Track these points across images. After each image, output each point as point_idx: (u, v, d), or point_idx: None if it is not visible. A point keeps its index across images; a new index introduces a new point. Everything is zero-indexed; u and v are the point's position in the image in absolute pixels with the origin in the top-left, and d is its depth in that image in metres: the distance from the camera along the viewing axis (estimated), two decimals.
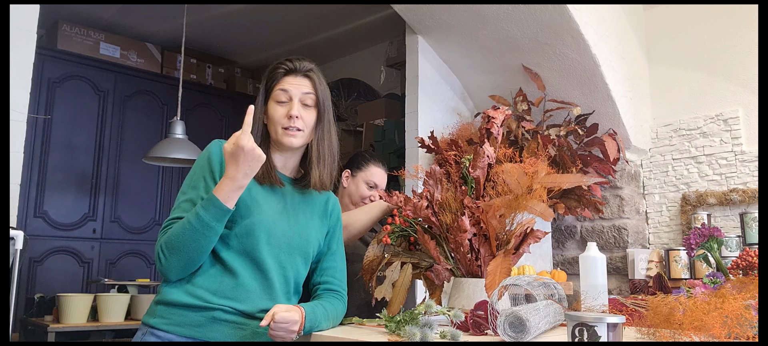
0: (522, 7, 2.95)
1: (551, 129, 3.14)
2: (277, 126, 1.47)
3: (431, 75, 3.56)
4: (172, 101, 4.60)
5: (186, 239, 1.34)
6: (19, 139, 2.36)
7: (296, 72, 1.50)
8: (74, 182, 4.39)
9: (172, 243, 1.36)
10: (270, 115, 1.48)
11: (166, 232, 1.39)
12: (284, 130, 1.46)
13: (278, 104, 1.47)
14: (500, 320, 1.19)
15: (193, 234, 1.34)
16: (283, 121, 1.46)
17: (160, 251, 1.38)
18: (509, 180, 1.58)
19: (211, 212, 1.34)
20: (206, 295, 1.39)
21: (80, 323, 3.34)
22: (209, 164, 1.46)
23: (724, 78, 3.17)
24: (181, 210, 1.42)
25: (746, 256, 1.62)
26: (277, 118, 1.46)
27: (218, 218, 1.34)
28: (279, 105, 1.47)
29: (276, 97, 1.47)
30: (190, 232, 1.34)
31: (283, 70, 1.50)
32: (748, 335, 1.10)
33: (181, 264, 1.37)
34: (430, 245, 1.67)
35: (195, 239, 1.34)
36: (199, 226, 1.33)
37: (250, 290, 1.42)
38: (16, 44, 2.36)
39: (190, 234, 1.34)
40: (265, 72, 1.54)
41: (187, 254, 1.35)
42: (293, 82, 1.48)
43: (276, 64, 1.52)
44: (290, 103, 1.47)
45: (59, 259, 4.32)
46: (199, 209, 1.34)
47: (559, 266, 3.57)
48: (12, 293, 2.04)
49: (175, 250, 1.35)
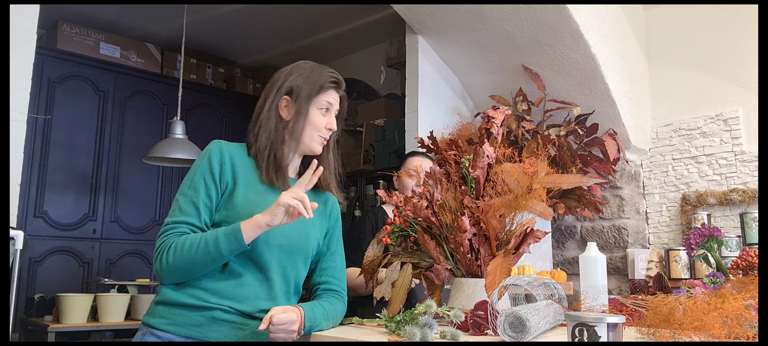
0: (522, 7, 2.95)
1: (551, 129, 3.14)
2: (314, 132, 1.51)
3: (431, 75, 3.56)
4: (172, 101, 4.60)
5: (197, 259, 1.36)
6: (19, 139, 2.36)
7: (339, 88, 1.57)
8: (74, 182, 4.39)
9: (180, 257, 1.36)
10: (311, 119, 1.51)
11: (172, 235, 1.39)
12: (319, 137, 1.53)
13: (320, 112, 1.53)
14: (500, 320, 1.19)
15: (206, 257, 1.35)
16: (322, 130, 1.52)
17: (162, 256, 1.37)
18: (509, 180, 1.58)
19: (232, 245, 1.35)
20: (206, 295, 1.39)
21: (80, 323, 3.34)
22: (209, 167, 1.45)
23: (724, 78, 3.17)
24: (184, 214, 1.41)
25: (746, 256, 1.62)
26: (318, 125, 1.52)
27: (234, 251, 1.36)
28: (321, 113, 1.53)
29: (320, 105, 1.53)
30: (203, 255, 1.35)
31: (332, 82, 1.54)
32: (748, 335, 1.10)
33: (181, 275, 1.39)
34: (430, 245, 1.67)
35: (205, 262, 1.36)
36: (215, 254, 1.35)
37: (250, 290, 1.42)
38: (16, 44, 2.36)
39: (202, 256, 1.35)
40: (304, 73, 1.54)
41: (192, 270, 1.37)
42: (336, 97, 1.56)
43: (328, 75, 1.54)
44: (330, 116, 1.54)
45: (59, 259, 4.32)
46: (221, 238, 1.35)
47: (559, 266, 3.57)
48: (12, 293, 2.04)
49: (182, 263, 1.36)
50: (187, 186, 1.45)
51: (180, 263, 1.36)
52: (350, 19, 4.56)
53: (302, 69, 1.55)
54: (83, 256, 4.42)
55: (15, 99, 2.34)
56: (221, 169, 1.45)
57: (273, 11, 4.45)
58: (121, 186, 4.59)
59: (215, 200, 1.44)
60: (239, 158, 1.49)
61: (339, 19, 4.56)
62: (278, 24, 4.69)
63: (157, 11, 4.47)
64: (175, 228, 1.40)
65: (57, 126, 4.34)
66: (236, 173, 1.46)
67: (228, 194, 1.45)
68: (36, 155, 4.25)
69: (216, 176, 1.45)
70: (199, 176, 1.45)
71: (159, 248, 1.39)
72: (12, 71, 2.29)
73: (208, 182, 1.44)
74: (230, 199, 1.44)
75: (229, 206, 1.43)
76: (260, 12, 4.47)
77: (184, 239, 1.37)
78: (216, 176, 1.45)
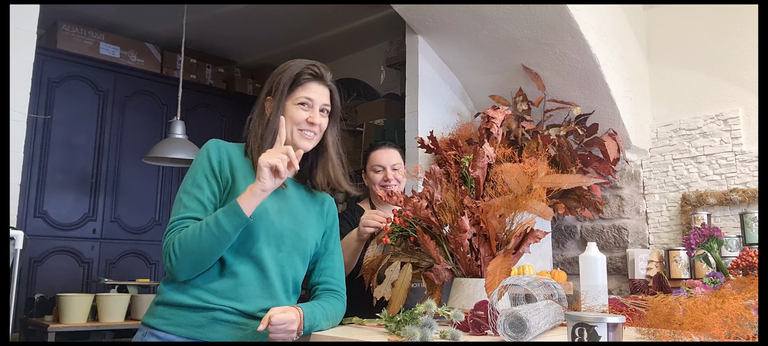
0: (522, 7, 2.95)
1: (551, 129, 3.14)
2: (293, 127, 1.49)
3: (431, 75, 3.56)
4: (172, 101, 4.60)
5: (203, 244, 1.34)
6: (19, 139, 2.35)
7: (321, 80, 1.54)
8: (74, 182, 4.39)
9: (186, 245, 1.35)
10: (289, 115, 1.49)
11: (177, 231, 1.39)
12: (300, 132, 1.51)
13: (299, 107, 1.51)
14: (500, 320, 1.19)
15: (210, 238, 1.34)
16: (302, 124, 1.50)
17: (170, 252, 1.37)
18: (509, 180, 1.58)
19: (233, 220, 1.34)
20: (207, 295, 1.39)
21: (80, 323, 3.34)
22: (210, 164, 1.45)
23: (724, 78, 3.17)
24: (190, 210, 1.41)
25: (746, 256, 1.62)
26: (297, 119, 1.50)
27: (237, 226, 1.35)
28: (300, 108, 1.51)
29: (298, 99, 1.51)
30: (207, 237, 1.34)
31: (309, 75, 1.52)
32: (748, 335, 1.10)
33: (192, 266, 1.37)
34: (430, 245, 1.67)
35: (211, 244, 1.35)
36: (217, 232, 1.34)
37: (251, 290, 1.42)
38: (16, 44, 2.36)
39: (207, 238, 1.34)
40: (285, 69, 1.54)
41: (202, 257, 1.36)
42: (317, 90, 1.53)
43: (303, 68, 1.52)
44: (312, 110, 1.52)
45: (59, 259, 4.32)
46: (220, 215, 1.35)
47: (559, 266, 3.57)
48: (12, 293, 2.04)
49: (190, 252, 1.35)
50: (190, 184, 1.45)
51: (188, 253, 1.35)
52: (350, 19, 4.56)
53: (287, 65, 1.55)
54: (83, 256, 4.42)
55: (15, 99, 2.34)
56: (220, 166, 1.45)
57: (273, 11, 4.45)
58: (121, 186, 4.59)
59: (218, 196, 1.45)
60: (236, 157, 1.49)
61: (339, 19, 4.55)
62: (278, 24, 4.69)
63: (157, 11, 4.47)
64: (179, 224, 1.40)
65: (57, 126, 4.34)
66: (234, 170, 1.46)
67: (228, 192, 1.45)
68: (36, 155, 4.24)
69: (216, 172, 1.45)
70: (200, 173, 1.45)
71: (166, 247, 1.38)
72: (12, 71, 2.29)
73: (210, 178, 1.44)
74: (231, 196, 1.44)
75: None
76: (260, 12, 4.47)
77: (185, 231, 1.37)
78: (216, 172, 1.45)
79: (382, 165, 2.18)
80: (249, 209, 1.35)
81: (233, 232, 1.35)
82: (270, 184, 1.35)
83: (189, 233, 1.36)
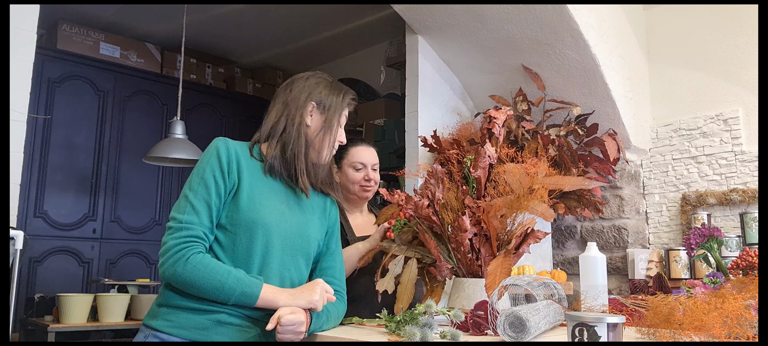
0: (522, 7, 2.95)
1: (551, 129, 3.14)
2: (335, 143, 1.60)
3: (431, 75, 3.56)
4: (172, 101, 4.60)
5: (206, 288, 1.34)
6: (19, 139, 2.35)
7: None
8: (74, 182, 4.39)
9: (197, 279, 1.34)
10: (334, 134, 1.58)
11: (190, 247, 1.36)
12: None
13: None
14: (500, 320, 1.19)
15: (215, 292, 1.35)
16: (336, 144, 1.61)
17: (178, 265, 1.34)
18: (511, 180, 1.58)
19: (242, 298, 1.36)
20: None
21: (80, 323, 3.34)
22: (219, 163, 1.43)
23: (724, 78, 3.17)
24: (198, 215, 1.38)
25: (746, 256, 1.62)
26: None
27: (242, 303, 1.37)
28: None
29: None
30: (219, 289, 1.34)
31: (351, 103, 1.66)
32: (748, 335, 1.10)
33: (185, 289, 1.37)
34: (431, 244, 1.67)
35: (210, 294, 1.35)
36: (223, 296, 1.35)
37: None
38: (16, 44, 2.36)
39: (212, 289, 1.34)
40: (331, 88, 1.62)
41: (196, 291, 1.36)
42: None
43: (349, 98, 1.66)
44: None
45: (59, 259, 4.32)
46: (244, 286, 1.35)
47: (559, 266, 3.57)
48: (12, 293, 2.04)
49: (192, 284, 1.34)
50: (197, 182, 1.42)
51: (193, 283, 1.34)
52: (350, 19, 4.56)
53: (326, 83, 1.61)
54: (83, 256, 4.42)
55: (15, 99, 2.34)
56: (229, 166, 1.43)
57: (273, 11, 4.45)
58: (121, 186, 4.59)
59: (223, 198, 1.42)
60: (244, 158, 1.48)
61: (339, 19, 4.55)
62: (278, 24, 4.69)
63: (156, 11, 4.47)
64: (192, 231, 1.37)
65: (57, 126, 4.34)
66: (241, 171, 1.45)
67: (233, 194, 1.44)
68: (36, 155, 4.24)
69: (225, 172, 1.43)
70: (209, 172, 1.42)
71: (176, 254, 1.34)
72: (12, 71, 2.29)
73: (218, 178, 1.42)
74: (235, 198, 1.43)
75: (233, 206, 1.43)
76: (260, 12, 4.47)
77: (207, 263, 1.35)
78: (225, 172, 1.43)
79: (364, 163, 2.08)
80: (261, 302, 1.37)
81: (234, 299, 1.36)
82: (296, 316, 1.35)
83: (208, 269, 1.34)
